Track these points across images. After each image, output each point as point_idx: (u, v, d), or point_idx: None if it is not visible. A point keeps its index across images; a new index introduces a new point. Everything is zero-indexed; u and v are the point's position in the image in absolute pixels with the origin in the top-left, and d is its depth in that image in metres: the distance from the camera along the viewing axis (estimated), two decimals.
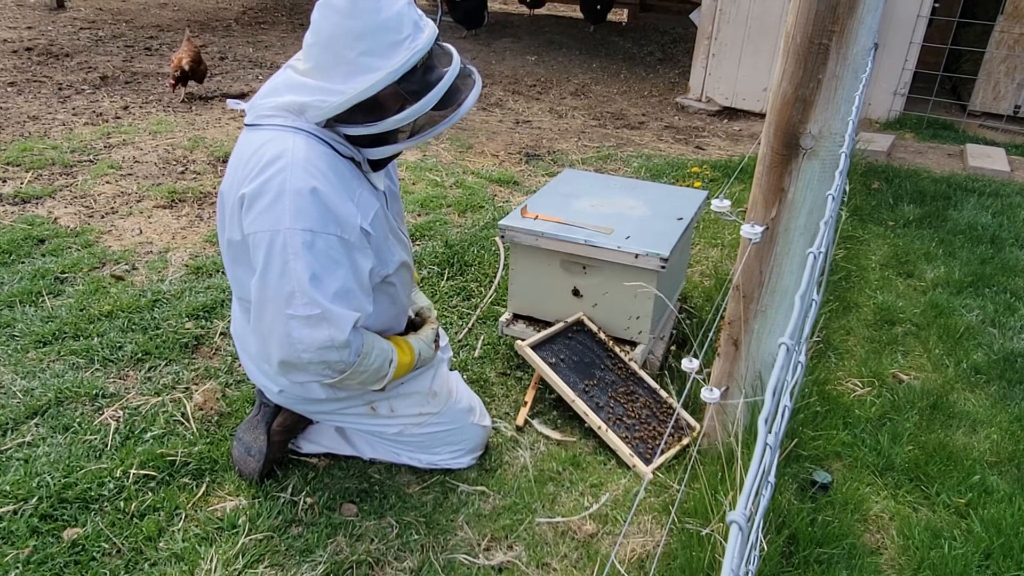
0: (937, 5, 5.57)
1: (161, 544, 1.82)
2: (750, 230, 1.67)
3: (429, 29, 1.66)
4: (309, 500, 1.97)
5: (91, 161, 4.13)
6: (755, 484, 0.58)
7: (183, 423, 2.21)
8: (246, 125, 1.75)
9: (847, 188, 4.00)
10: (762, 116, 5.91)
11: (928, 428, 2.36)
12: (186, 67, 5.15)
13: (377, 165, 1.84)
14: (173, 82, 5.16)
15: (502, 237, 2.50)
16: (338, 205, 1.65)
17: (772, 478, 1.11)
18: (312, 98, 1.64)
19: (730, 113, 6.25)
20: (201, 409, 2.26)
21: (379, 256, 1.81)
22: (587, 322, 2.50)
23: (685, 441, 2.24)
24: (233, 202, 1.68)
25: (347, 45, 1.58)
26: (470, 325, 2.82)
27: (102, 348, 2.50)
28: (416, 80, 1.63)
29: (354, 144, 1.73)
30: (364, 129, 1.66)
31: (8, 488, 1.91)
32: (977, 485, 2.10)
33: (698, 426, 2.27)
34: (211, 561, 1.77)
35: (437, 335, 2.10)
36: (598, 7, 9.17)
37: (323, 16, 1.61)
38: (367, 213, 1.74)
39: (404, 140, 1.74)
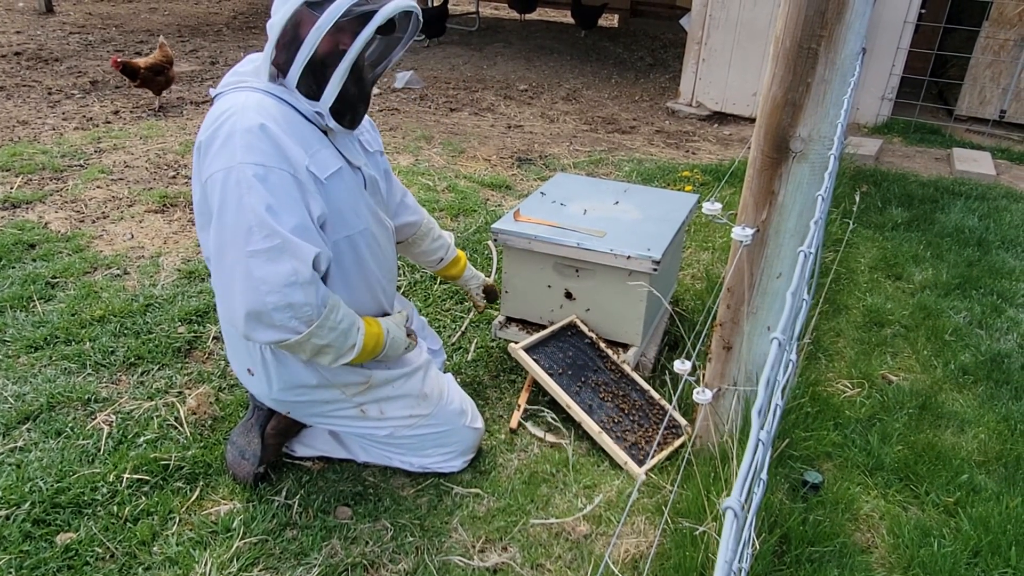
0: (923, 11, 5.64)
1: (155, 548, 1.81)
2: (741, 232, 1.69)
3: None
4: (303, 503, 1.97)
5: (81, 166, 4.12)
6: (750, 471, 0.59)
7: (176, 427, 2.20)
8: (213, 98, 1.79)
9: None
10: (751, 121, 5.95)
11: (917, 428, 2.38)
12: (141, 65, 4.94)
13: (342, 119, 1.79)
14: (114, 65, 4.85)
15: (495, 241, 2.52)
16: (288, 144, 1.67)
17: (764, 475, 1.13)
18: (264, 58, 1.72)
19: (720, 118, 6.29)
20: (194, 413, 2.25)
21: (339, 215, 1.81)
22: (580, 325, 2.52)
23: (678, 442, 2.26)
24: (195, 157, 1.72)
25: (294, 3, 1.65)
26: (463, 328, 2.83)
27: (94, 353, 2.49)
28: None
29: (305, 96, 1.73)
30: (295, 61, 1.67)
31: (0, 493, 1.90)
32: (965, 484, 2.13)
33: (691, 427, 2.28)
34: (205, 565, 1.76)
35: (409, 319, 2.10)
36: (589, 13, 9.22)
37: None
38: (322, 167, 1.75)
39: (337, 72, 1.70)
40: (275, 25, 1.67)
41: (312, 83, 1.72)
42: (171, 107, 5.33)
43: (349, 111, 1.81)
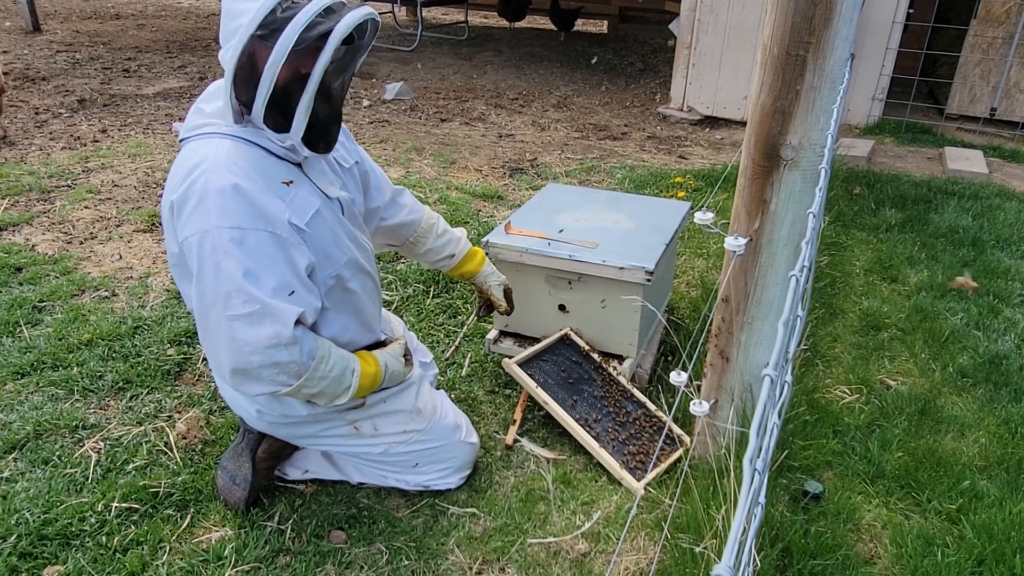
0: (911, 11, 5.64)
1: None
2: (734, 242, 1.67)
3: None
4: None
5: (69, 186, 4.08)
6: (740, 532, 0.56)
7: (166, 453, 2.17)
8: (180, 141, 1.74)
9: (830, 196, 4.02)
10: (743, 124, 5.94)
11: (917, 434, 2.36)
12: None
13: (316, 146, 1.71)
14: None
15: (486, 254, 2.48)
16: (263, 201, 1.62)
17: (762, 498, 1.10)
18: (224, 97, 1.61)
19: (711, 122, 6.29)
20: (184, 438, 2.22)
21: (325, 255, 1.76)
22: (574, 337, 2.49)
23: (676, 455, 2.23)
24: (166, 214, 1.68)
25: (225, 21, 1.57)
26: (456, 343, 2.80)
27: (82, 378, 2.45)
28: (277, 25, 1.53)
29: (273, 130, 1.64)
30: (257, 98, 1.57)
31: None
32: (967, 490, 2.10)
33: (688, 439, 2.25)
34: None
35: (407, 351, 2.03)
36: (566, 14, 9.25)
37: None
38: (302, 211, 1.70)
39: (303, 99, 1.60)
40: (228, 60, 1.56)
41: (279, 116, 1.63)
42: (16, 139, 5.01)
43: (323, 136, 1.73)
